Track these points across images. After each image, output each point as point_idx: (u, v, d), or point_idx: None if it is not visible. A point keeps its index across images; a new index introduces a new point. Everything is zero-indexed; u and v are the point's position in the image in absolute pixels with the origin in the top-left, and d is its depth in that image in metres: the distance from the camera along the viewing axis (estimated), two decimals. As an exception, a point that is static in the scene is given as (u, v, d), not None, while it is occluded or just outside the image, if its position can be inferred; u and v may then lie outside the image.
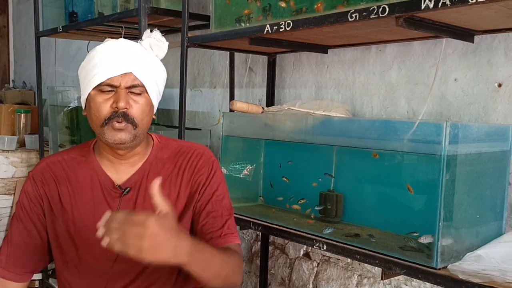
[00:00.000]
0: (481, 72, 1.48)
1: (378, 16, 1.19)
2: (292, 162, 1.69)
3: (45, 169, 1.30)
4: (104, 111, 1.17)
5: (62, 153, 1.35)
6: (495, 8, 1.10)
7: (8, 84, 4.68)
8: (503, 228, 1.37)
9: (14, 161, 3.06)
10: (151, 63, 1.23)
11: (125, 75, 1.17)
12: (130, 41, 1.23)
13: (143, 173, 1.28)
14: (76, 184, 1.28)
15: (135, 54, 1.20)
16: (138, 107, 1.19)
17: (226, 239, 1.25)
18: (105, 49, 1.19)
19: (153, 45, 1.24)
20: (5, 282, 1.26)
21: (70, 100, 2.79)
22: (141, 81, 1.18)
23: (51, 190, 1.28)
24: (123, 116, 1.16)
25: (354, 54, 1.82)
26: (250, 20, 1.61)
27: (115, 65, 1.16)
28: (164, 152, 1.32)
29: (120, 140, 1.18)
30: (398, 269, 1.23)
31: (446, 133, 1.18)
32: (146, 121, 1.22)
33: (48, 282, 3.01)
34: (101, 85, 1.17)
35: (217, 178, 1.32)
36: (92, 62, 1.19)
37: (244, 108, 1.65)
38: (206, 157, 1.33)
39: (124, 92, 1.17)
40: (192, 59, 2.56)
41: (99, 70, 1.16)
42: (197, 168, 1.30)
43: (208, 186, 1.29)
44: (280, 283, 2.16)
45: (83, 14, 2.49)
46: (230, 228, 1.27)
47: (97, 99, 1.18)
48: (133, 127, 1.18)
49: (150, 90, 1.21)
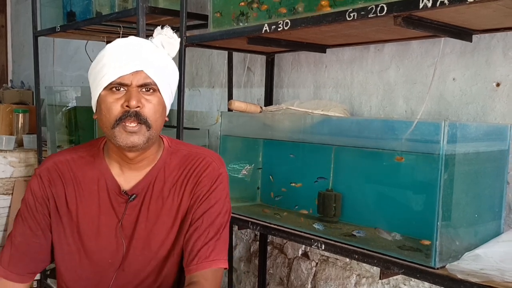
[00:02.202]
0: (480, 71, 1.48)
1: (376, 15, 1.19)
2: (292, 160, 1.68)
3: (53, 168, 1.26)
4: (115, 111, 1.12)
5: (71, 151, 1.30)
6: (493, 7, 1.10)
7: (6, 84, 4.67)
8: (501, 228, 1.37)
9: (12, 161, 3.06)
10: (163, 61, 1.18)
11: (136, 73, 1.12)
12: (140, 39, 1.19)
13: (150, 180, 1.25)
14: (83, 185, 1.25)
15: (146, 52, 1.15)
16: (150, 106, 1.14)
17: (198, 266, 1.17)
18: (115, 47, 1.15)
19: (164, 42, 1.19)
20: (8, 283, 1.23)
21: (69, 100, 2.79)
22: (153, 80, 1.14)
23: (58, 190, 1.25)
24: (135, 116, 1.12)
25: (353, 53, 1.82)
26: (248, 17, 1.60)
27: (125, 63, 1.12)
28: (174, 158, 1.28)
29: (133, 143, 1.13)
30: (397, 268, 1.23)
31: (444, 133, 1.17)
32: (160, 122, 1.18)
33: (47, 283, 3.01)
34: (111, 84, 1.12)
35: (217, 193, 1.25)
36: (101, 62, 1.15)
37: (243, 107, 1.65)
38: (213, 168, 1.27)
39: (135, 90, 1.12)
40: (191, 58, 2.55)
41: (109, 69, 1.12)
42: (200, 179, 1.25)
43: (206, 200, 1.24)
44: (278, 283, 2.16)
45: (81, 13, 2.48)
46: (208, 250, 1.18)
47: (108, 99, 1.13)
48: (147, 129, 1.13)
49: (163, 89, 1.16)
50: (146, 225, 1.24)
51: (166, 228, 1.25)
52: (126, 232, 1.24)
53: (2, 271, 1.23)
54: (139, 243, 1.24)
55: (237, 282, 2.38)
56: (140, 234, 1.24)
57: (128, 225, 1.24)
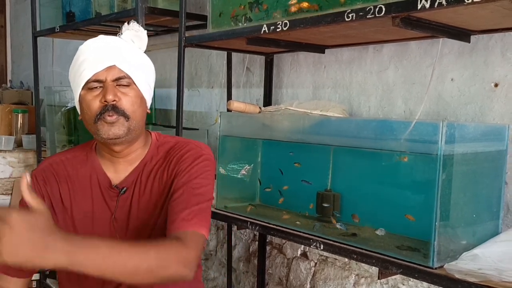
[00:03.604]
0: (478, 72, 1.49)
1: (375, 16, 1.19)
2: (291, 160, 1.69)
3: (48, 168, 1.31)
4: (94, 107, 1.18)
5: (66, 152, 1.37)
6: (491, 8, 1.10)
7: (6, 84, 4.67)
8: (499, 228, 1.37)
9: (12, 161, 3.06)
10: (134, 54, 1.24)
11: (109, 68, 1.18)
12: (110, 36, 1.24)
13: (138, 172, 1.29)
14: (76, 182, 1.30)
15: (117, 48, 1.21)
16: (127, 99, 1.19)
17: (178, 225, 1.12)
18: (87, 48, 1.21)
19: (133, 37, 1.25)
20: (8, 278, 1.25)
21: (68, 100, 2.79)
22: (127, 73, 1.19)
23: (53, 188, 1.29)
24: (113, 109, 1.17)
25: (351, 54, 1.82)
26: (246, 17, 1.60)
27: (98, 60, 1.18)
28: (161, 150, 1.32)
29: (114, 135, 1.18)
30: (395, 268, 1.24)
31: (443, 133, 1.18)
32: (139, 113, 1.22)
33: (46, 283, 3.01)
34: (88, 82, 1.18)
35: (200, 168, 1.24)
36: (77, 63, 1.21)
37: (242, 108, 1.66)
38: (197, 150, 1.28)
39: (111, 85, 1.18)
40: (190, 59, 2.56)
41: (84, 68, 1.18)
42: (183, 158, 1.26)
43: (187, 173, 1.23)
44: (277, 283, 2.16)
45: (81, 14, 2.48)
46: (189, 215, 1.14)
47: (87, 97, 1.19)
48: (125, 119, 1.19)
49: (138, 81, 1.21)
50: (138, 216, 1.28)
51: (156, 215, 1.28)
52: (120, 224, 1.28)
53: (1, 267, 1.24)
54: (133, 233, 1.28)
55: (236, 282, 2.38)
56: (134, 225, 1.28)
57: (122, 218, 1.28)
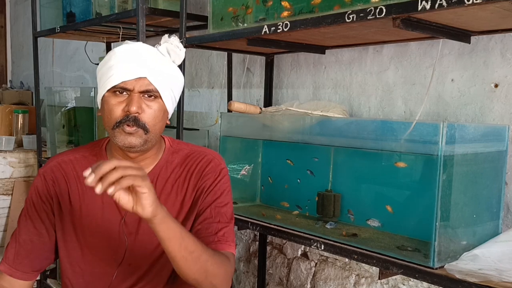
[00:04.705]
0: (478, 72, 1.49)
1: (375, 17, 1.20)
2: (289, 162, 1.69)
3: (56, 167, 1.29)
4: (116, 114, 1.16)
5: (74, 152, 1.34)
6: (491, 9, 1.11)
7: (6, 85, 4.67)
8: (499, 228, 1.38)
9: (12, 162, 3.06)
10: (167, 68, 1.21)
11: (139, 79, 1.15)
12: (147, 45, 1.21)
13: (152, 178, 1.27)
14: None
15: (151, 59, 1.18)
16: (150, 112, 1.17)
17: (218, 246, 1.21)
18: (121, 51, 1.18)
19: (170, 50, 1.23)
20: (13, 280, 1.25)
21: (68, 100, 2.79)
22: (155, 87, 1.17)
23: (61, 189, 1.28)
24: (134, 121, 1.15)
25: (352, 54, 1.83)
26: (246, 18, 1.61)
27: (130, 68, 1.15)
28: (175, 157, 1.31)
29: (130, 144, 1.17)
30: (396, 268, 1.24)
31: (443, 134, 1.18)
32: (159, 126, 1.21)
33: (46, 283, 3.01)
34: (115, 87, 1.16)
35: (222, 185, 1.29)
36: (108, 64, 1.18)
37: (242, 108, 1.66)
38: (215, 163, 1.31)
39: (137, 96, 1.16)
40: (190, 59, 2.56)
41: (114, 73, 1.16)
42: (204, 173, 1.29)
43: (211, 191, 1.27)
44: (278, 283, 2.16)
45: (81, 14, 2.48)
46: (224, 236, 1.23)
47: (111, 101, 1.17)
48: (144, 132, 1.17)
49: (164, 96, 1.19)
50: None
51: None
52: (130, 228, 1.27)
53: (7, 269, 1.26)
54: (144, 238, 1.27)
55: (237, 282, 2.38)
56: (144, 230, 1.26)
57: (132, 222, 1.27)
